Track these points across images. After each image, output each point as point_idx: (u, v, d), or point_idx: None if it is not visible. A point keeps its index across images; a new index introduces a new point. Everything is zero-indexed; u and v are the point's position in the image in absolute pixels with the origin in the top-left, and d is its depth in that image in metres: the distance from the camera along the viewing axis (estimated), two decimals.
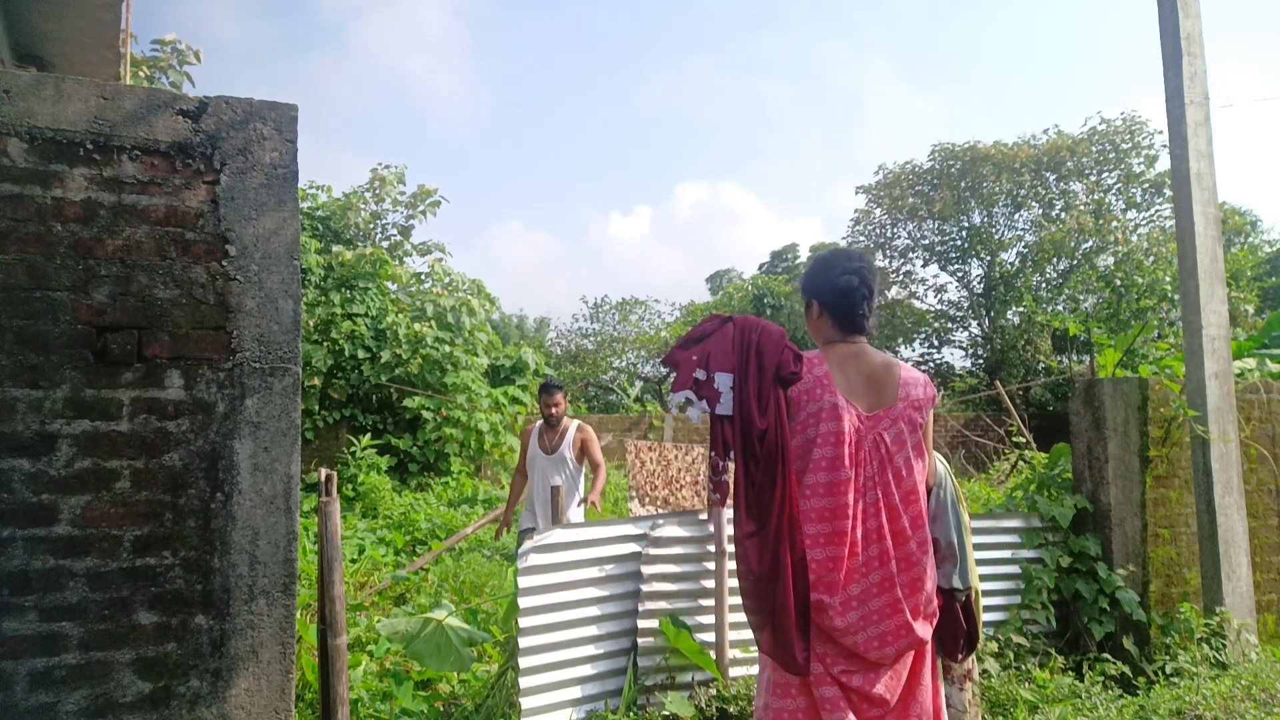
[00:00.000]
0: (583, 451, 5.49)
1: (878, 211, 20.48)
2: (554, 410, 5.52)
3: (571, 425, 5.56)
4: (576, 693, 3.41)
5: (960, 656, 2.63)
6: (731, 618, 3.65)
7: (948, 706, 2.69)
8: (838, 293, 2.38)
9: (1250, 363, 6.31)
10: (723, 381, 2.27)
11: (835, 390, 2.27)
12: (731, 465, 2.33)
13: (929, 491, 2.53)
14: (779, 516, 2.18)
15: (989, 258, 19.01)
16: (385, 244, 13.80)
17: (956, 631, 2.55)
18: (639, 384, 22.10)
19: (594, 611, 3.50)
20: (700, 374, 2.29)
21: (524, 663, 3.29)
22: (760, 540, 2.19)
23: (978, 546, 4.25)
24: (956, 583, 2.51)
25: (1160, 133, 17.31)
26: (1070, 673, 3.92)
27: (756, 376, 2.24)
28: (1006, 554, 4.29)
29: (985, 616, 4.13)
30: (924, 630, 2.26)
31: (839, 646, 2.23)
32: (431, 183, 14.30)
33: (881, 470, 2.26)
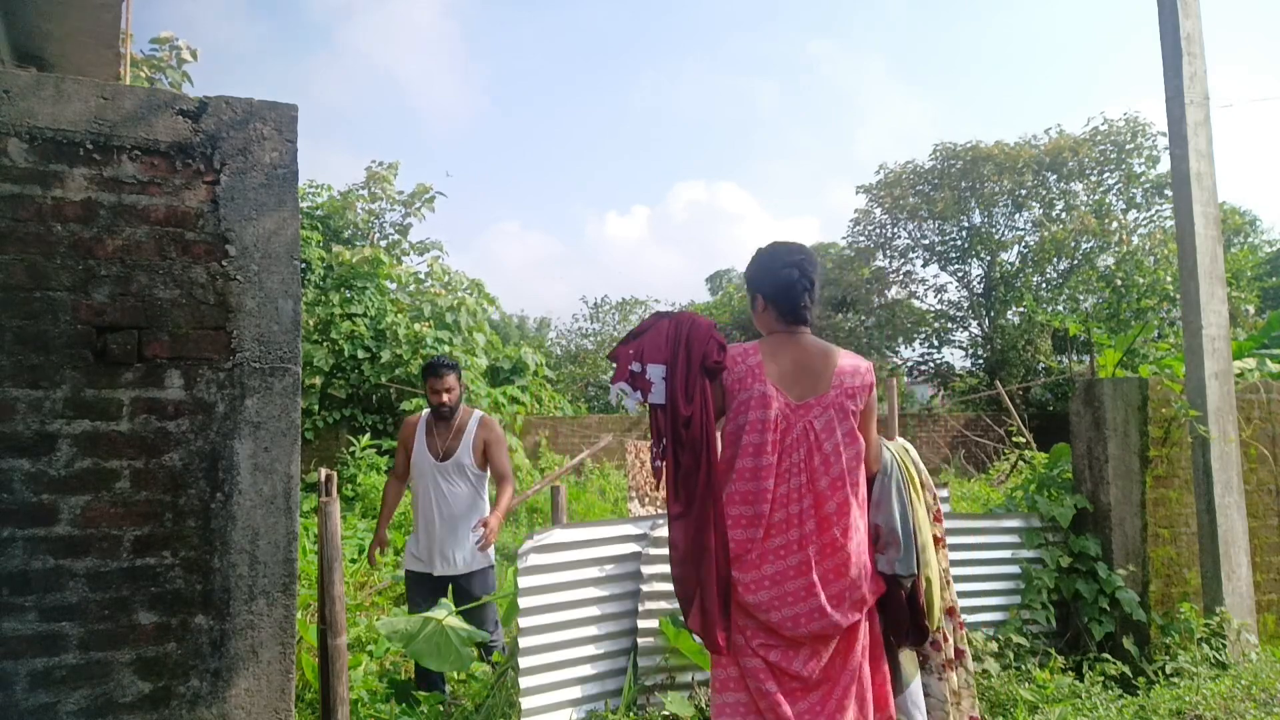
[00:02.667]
0: (485, 458, 4.10)
1: (878, 211, 20.46)
2: (445, 398, 4.05)
3: (472, 419, 4.13)
4: (576, 693, 3.41)
5: (907, 644, 2.63)
6: None
7: (926, 696, 2.66)
8: (780, 286, 2.46)
9: (1250, 363, 6.31)
10: (655, 373, 2.36)
11: (765, 379, 2.36)
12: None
13: (873, 478, 2.57)
14: (703, 499, 2.28)
15: (989, 258, 19.00)
16: (384, 243, 13.79)
17: (900, 619, 2.55)
18: None
19: (594, 611, 3.49)
20: (635, 366, 2.39)
21: (524, 663, 3.29)
22: (685, 522, 2.31)
23: (978, 546, 4.26)
24: (899, 569, 2.51)
25: (1162, 133, 17.31)
26: (1070, 673, 3.92)
27: (684, 366, 2.34)
28: (1006, 554, 4.29)
29: (985, 617, 4.13)
30: (843, 617, 2.30)
31: (758, 621, 2.32)
32: (427, 182, 14.27)
33: (808, 457, 2.32)
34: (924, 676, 2.71)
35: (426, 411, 4.20)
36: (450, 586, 4.04)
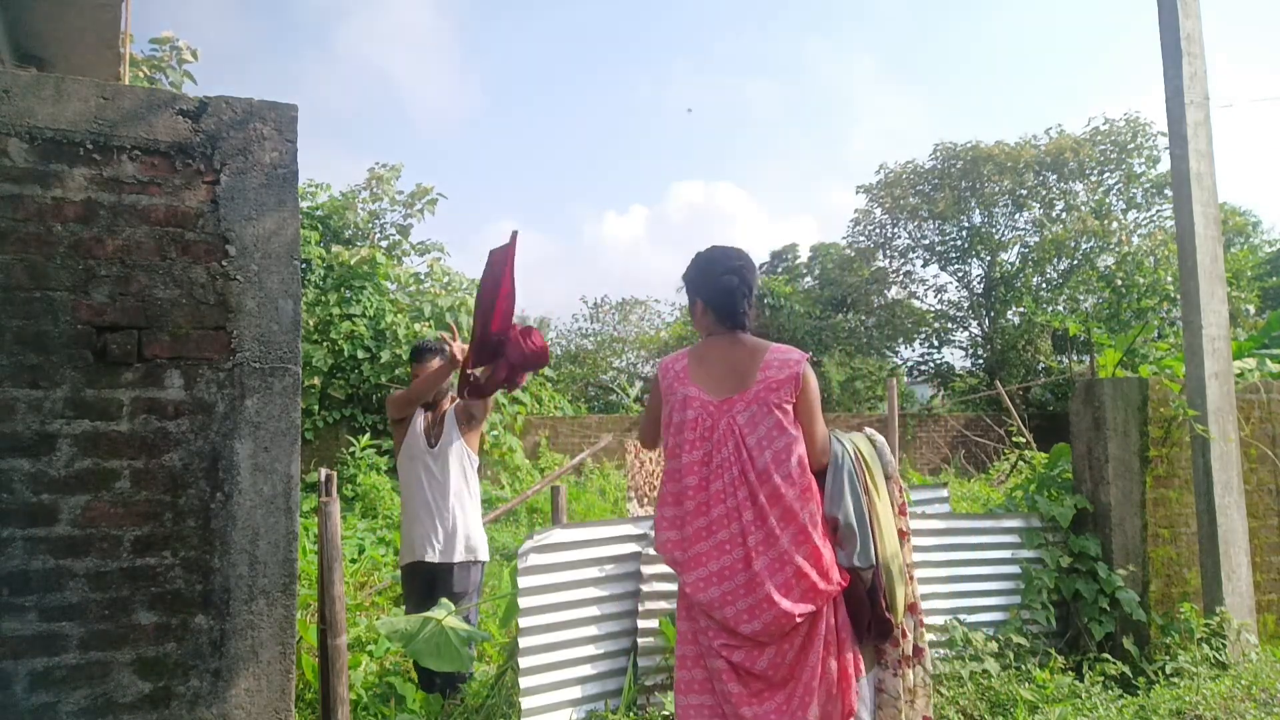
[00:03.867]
0: (472, 428, 4.05)
1: (878, 211, 20.46)
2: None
3: (452, 405, 4.10)
4: (576, 693, 3.41)
5: (869, 639, 2.60)
6: None
7: (880, 692, 2.64)
8: (719, 292, 2.54)
9: (1250, 363, 6.30)
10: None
11: (688, 381, 2.49)
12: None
13: (823, 469, 2.56)
14: None
15: (989, 258, 19.01)
16: (384, 243, 13.79)
17: (861, 613, 2.54)
18: (639, 384, 22.11)
19: (594, 611, 3.50)
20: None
21: (524, 663, 3.29)
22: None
23: (977, 546, 4.26)
24: (857, 561, 2.51)
25: (1162, 133, 17.30)
26: (1070, 673, 3.92)
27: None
28: (1006, 554, 4.29)
29: (985, 617, 4.13)
30: (794, 606, 2.31)
31: (718, 622, 2.37)
32: (424, 182, 14.27)
33: (736, 452, 2.38)
34: (879, 671, 2.65)
35: None
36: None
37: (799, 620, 2.35)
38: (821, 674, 2.38)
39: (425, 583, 3.94)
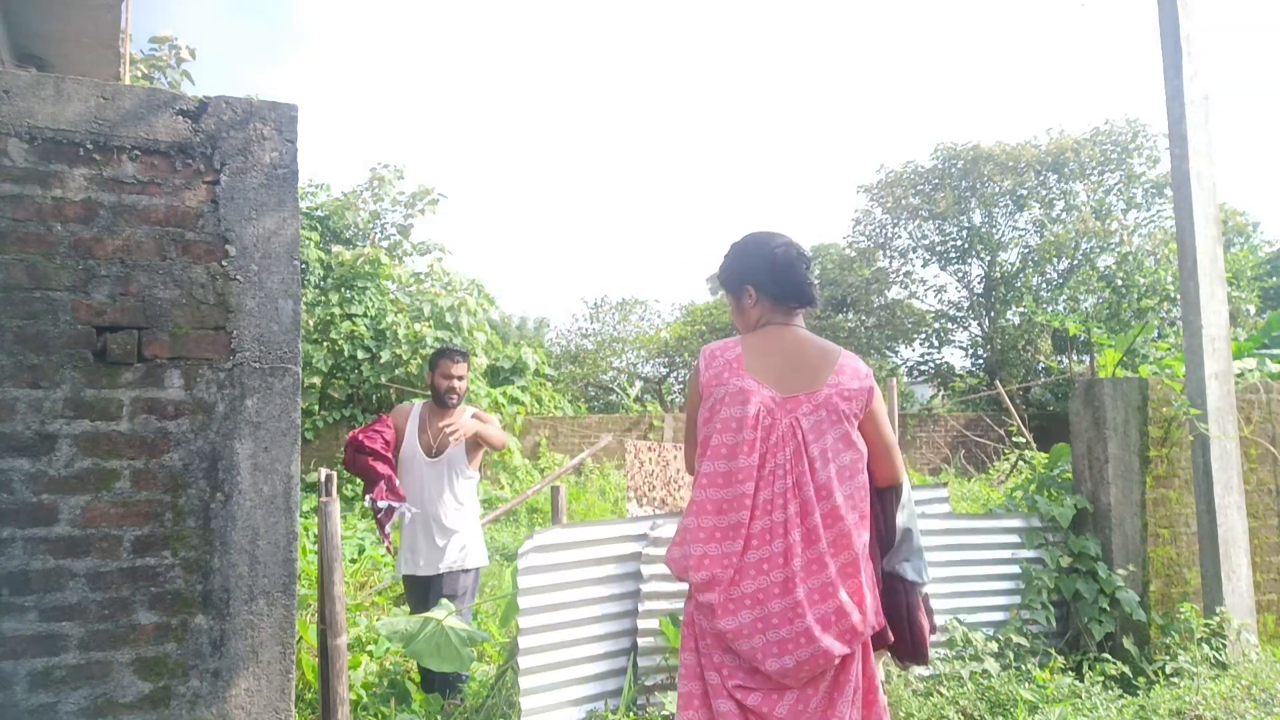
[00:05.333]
0: (477, 448, 3.95)
1: (878, 211, 20.47)
2: (456, 385, 3.92)
3: (464, 416, 3.96)
4: (576, 693, 3.41)
5: (901, 659, 2.31)
6: None
7: None
8: (777, 264, 2.20)
9: (1250, 363, 6.30)
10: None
11: (744, 373, 2.10)
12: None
13: (890, 489, 2.27)
14: None
15: (989, 258, 19.01)
16: (385, 243, 13.80)
17: (900, 629, 2.22)
18: (639, 384, 22.09)
19: (594, 611, 3.50)
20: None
21: (524, 663, 3.29)
22: None
23: (977, 546, 4.26)
24: (910, 574, 2.23)
25: (1162, 134, 17.30)
26: (1070, 673, 3.92)
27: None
28: (1006, 554, 4.29)
29: (985, 616, 4.13)
30: (833, 645, 1.97)
31: (736, 657, 2.03)
32: (423, 181, 14.32)
33: (796, 459, 2.04)
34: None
35: (421, 404, 4.07)
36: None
37: (836, 661, 2.01)
38: None
39: (421, 591, 3.98)
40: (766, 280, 2.22)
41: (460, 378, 3.94)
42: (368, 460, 3.77)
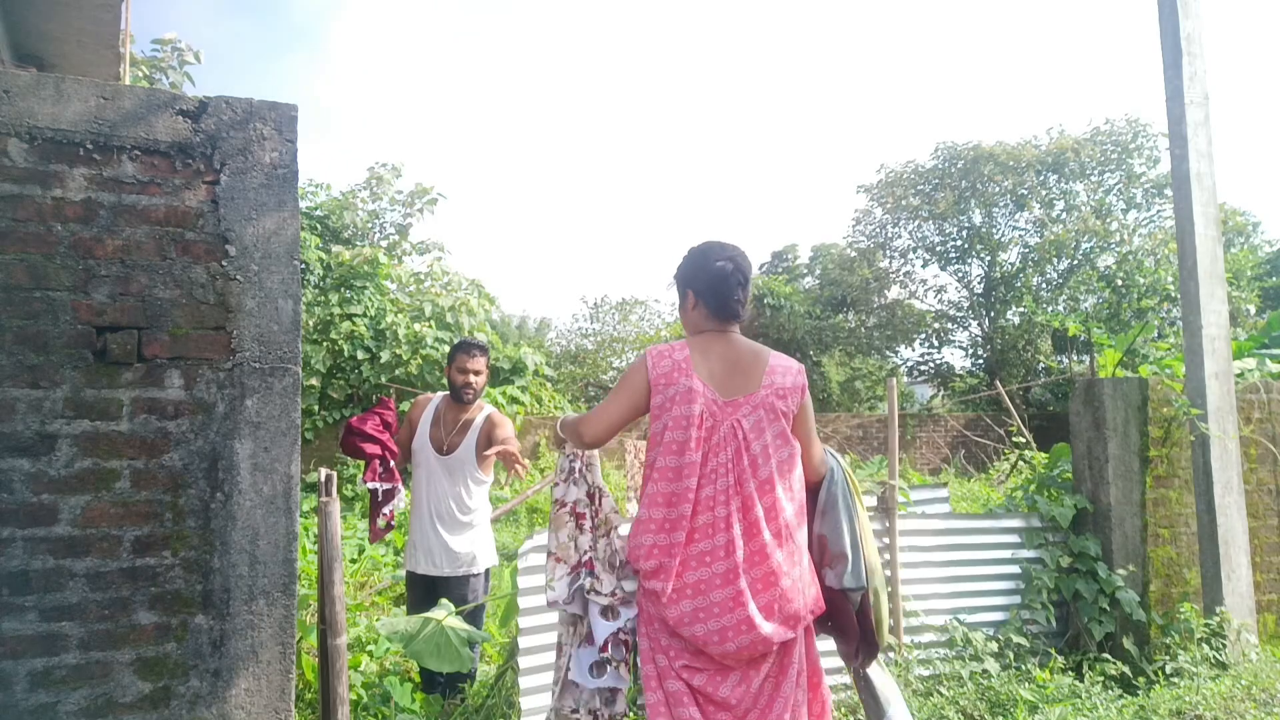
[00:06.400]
0: (489, 445, 3.79)
1: (878, 211, 20.47)
2: (472, 380, 3.80)
3: (480, 415, 3.85)
4: None
5: (857, 661, 2.52)
6: None
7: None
8: (713, 278, 2.35)
9: (1250, 363, 6.30)
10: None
11: (692, 374, 2.26)
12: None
13: (817, 485, 2.47)
14: None
15: (989, 258, 19.01)
16: (384, 243, 13.79)
17: (850, 635, 2.43)
18: None
19: None
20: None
21: (524, 663, 3.29)
22: None
23: (977, 546, 4.26)
24: (848, 582, 2.40)
25: (1162, 134, 17.29)
26: (1070, 673, 3.92)
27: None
28: (1006, 554, 4.30)
29: (985, 616, 4.13)
30: (775, 631, 2.14)
31: (683, 641, 2.19)
32: (422, 180, 14.32)
33: (736, 457, 2.21)
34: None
35: (439, 396, 3.96)
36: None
37: (775, 646, 2.19)
38: (795, 704, 2.22)
39: (424, 589, 3.92)
40: (705, 291, 2.38)
41: (478, 373, 3.83)
42: (355, 441, 3.66)
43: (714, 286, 2.36)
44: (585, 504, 2.49)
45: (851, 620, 2.45)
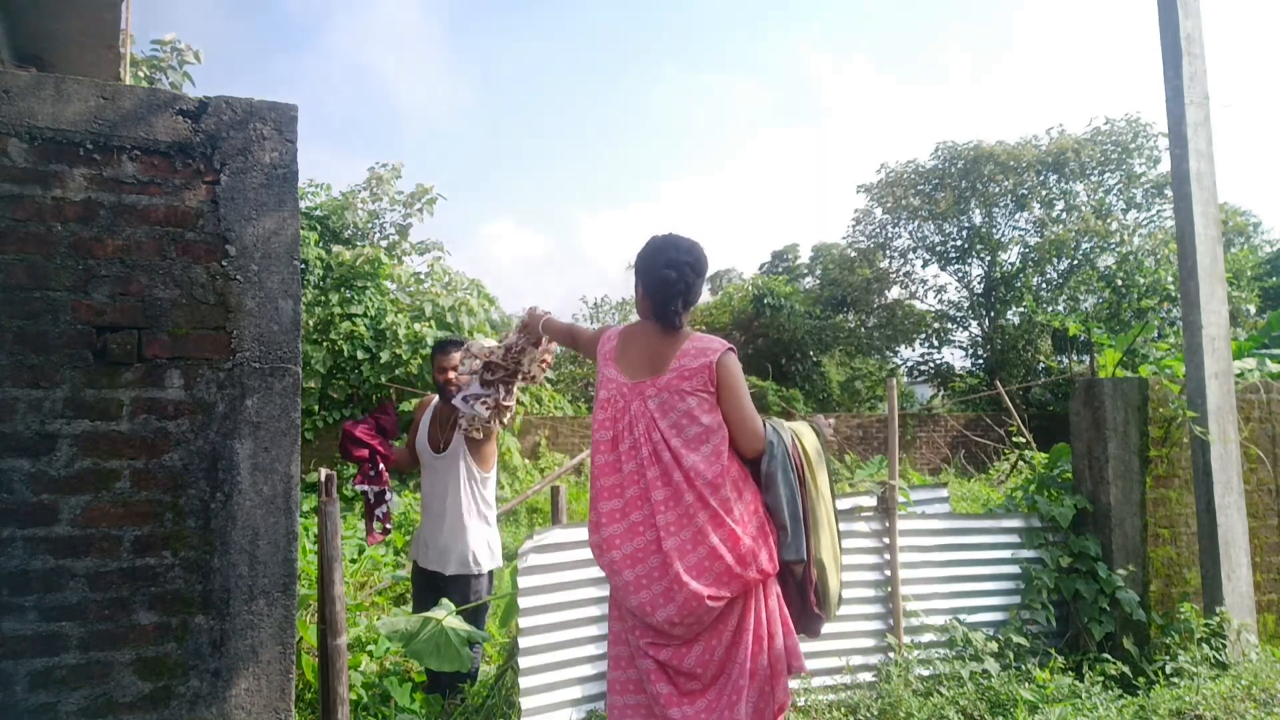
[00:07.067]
0: (483, 446, 3.84)
1: (879, 211, 20.46)
2: (452, 376, 3.78)
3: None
4: (576, 693, 3.41)
5: (801, 633, 2.55)
6: None
7: None
8: (657, 284, 2.48)
9: (1250, 363, 6.30)
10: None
11: (610, 362, 2.51)
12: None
13: (759, 458, 2.49)
14: None
15: (989, 258, 19.00)
16: (383, 243, 13.79)
17: (791, 607, 2.51)
18: None
19: (594, 611, 3.49)
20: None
21: (524, 663, 3.29)
22: None
23: (977, 546, 4.26)
24: (787, 555, 2.46)
25: (1162, 134, 17.27)
26: (1070, 673, 3.92)
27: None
28: (1006, 554, 4.29)
29: (985, 616, 4.13)
30: (706, 589, 2.25)
31: (635, 612, 2.33)
32: (423, 182, 14.31)
33: (648, 434, 2.37)
34: None
35: (438, 397, 4.01)
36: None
37: (711, 605, 2.27)
38: (753, 669, 2.31)
39: (424, 581, 3.93)
40: (649, 291, 2.52)
41: (456, 368, 3.78)
42: (347, 445, 3.74)
43: (655, 292, 2.49)
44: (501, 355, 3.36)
45: (792, 592, 2.52)
